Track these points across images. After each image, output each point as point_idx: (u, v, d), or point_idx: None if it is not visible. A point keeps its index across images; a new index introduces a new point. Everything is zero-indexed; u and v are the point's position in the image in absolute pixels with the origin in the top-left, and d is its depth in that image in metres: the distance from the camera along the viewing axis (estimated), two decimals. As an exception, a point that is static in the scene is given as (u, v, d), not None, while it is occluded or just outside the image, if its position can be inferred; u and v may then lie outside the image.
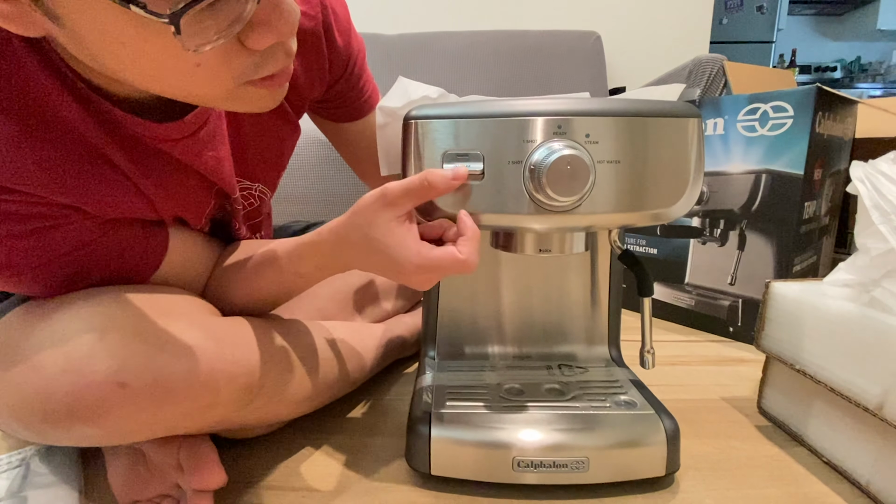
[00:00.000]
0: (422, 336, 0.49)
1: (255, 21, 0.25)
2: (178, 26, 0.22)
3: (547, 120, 0.32)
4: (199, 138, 0.36)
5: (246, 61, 0.27)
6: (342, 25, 0.46)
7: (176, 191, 0.37)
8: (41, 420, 0.27)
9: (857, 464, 0.37)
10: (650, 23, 1.69)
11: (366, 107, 0.53)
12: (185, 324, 0.32)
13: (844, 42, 3.55)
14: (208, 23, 0.23)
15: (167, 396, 0.29)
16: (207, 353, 0.31)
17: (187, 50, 0.23)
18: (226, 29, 0.24)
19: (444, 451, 0.36)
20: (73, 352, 0.27)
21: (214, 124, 0.38)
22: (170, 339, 0.30)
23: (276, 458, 0.41)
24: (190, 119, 0.35)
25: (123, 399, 0.28)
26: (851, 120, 0.74)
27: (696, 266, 0.72)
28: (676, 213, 0.35)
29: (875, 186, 0.36)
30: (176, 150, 0.35)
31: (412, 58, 1.52)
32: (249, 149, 0.43)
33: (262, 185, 0.47)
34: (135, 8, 0.21)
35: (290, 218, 0.73)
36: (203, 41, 0.23)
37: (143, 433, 0.30)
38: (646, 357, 0.39)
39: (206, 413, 0.32)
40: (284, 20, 0.26)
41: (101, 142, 0.31)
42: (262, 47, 0.26)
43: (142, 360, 0.28)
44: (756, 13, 2.97)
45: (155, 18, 0.21)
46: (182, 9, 0.21)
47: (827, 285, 0.42)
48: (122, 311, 0.30)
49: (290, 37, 0.27)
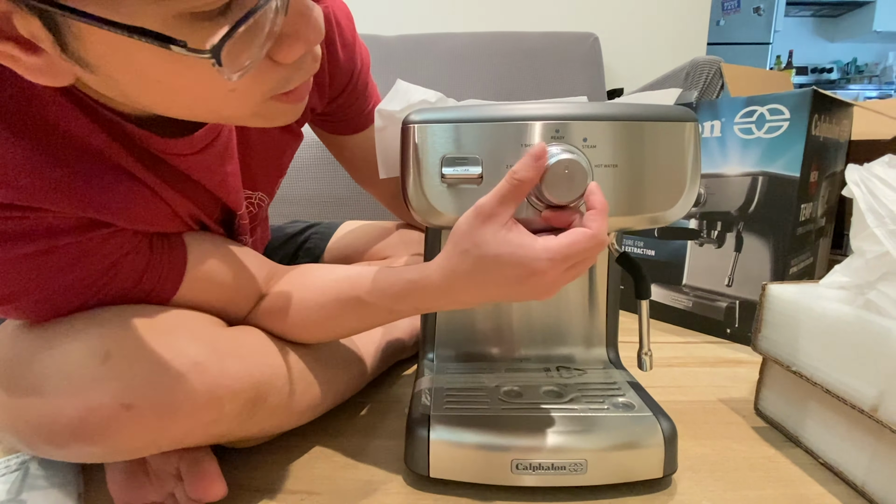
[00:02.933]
0: (420, 339, 0.49)
1: (283, 34, 0.24)
2: (219, 59, 0.21)
3: (545, 124, 0.32)
4: (209, 154, 0.36)
5: (277, 76, 0.26)
6: (346, 40, 0.45)
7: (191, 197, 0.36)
8: (45, 442, 0.27)
9: (853, 465, 0.38)
10: (647, 24, 1.69)
11: (368, 119, 0.52)
12: (188, 339, 0.32)
13: (841, 43, 3.58)
14: (245, 47, 0.22)
15: (172, 415, 0.29)
16: (211, 369, 0.31)
17: (228, 80, 0.23)
18: (260, 49, 0.23)
19: (442, 453, 0.36)
20: (77, 376, 0.27)
21: (226, 139, 0.37)
22: (173, 357, 0.30)
23: (274, 462, 0.41)
24: (200, 135, 0.34)
25: (128, 420, 0.28)
26: (847, 122, 0.74)
27: (693, 268, 0.73)
28: (673, 217, 0.35)
29: (870, 190, 0.36)
30: (184, 164, 0.34)
31: (411, 59, 1.52)
32: (254, 159, 0.43)
33: (262, 192, 0.47)
34: (176, 49, 0.21)
35: (288, 219, 0.74)
36: (240, 67, 0.23)
37: (147, 450, 0.31)
38: (644, 359, 0.39)
39: (210, 428, 0.32)
40: (312, 27, 0.25)
41: (116, 154, 0.30)
42: (293, 59, 0.26)
43: (146, 381, 0.28)
44: (753, 14, 2.98)
45: (198, 56, 0.21)
46: (221, 41, 0.21)
47: (823, 287, 0.42)
48: (125, 331, 0.30)
49: (318, 42, 0.26)
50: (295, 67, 0.27)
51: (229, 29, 0.21)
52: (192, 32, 0.21)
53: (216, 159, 0.36)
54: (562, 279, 0.31)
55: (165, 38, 0.20)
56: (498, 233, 0.30)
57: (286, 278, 0.42)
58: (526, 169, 0.30)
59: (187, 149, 0.34)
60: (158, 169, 0.33)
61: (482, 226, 0.30)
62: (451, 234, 0.32)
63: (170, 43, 0.20)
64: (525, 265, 0.30)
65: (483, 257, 0.30)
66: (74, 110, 0.28)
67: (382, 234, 0.63)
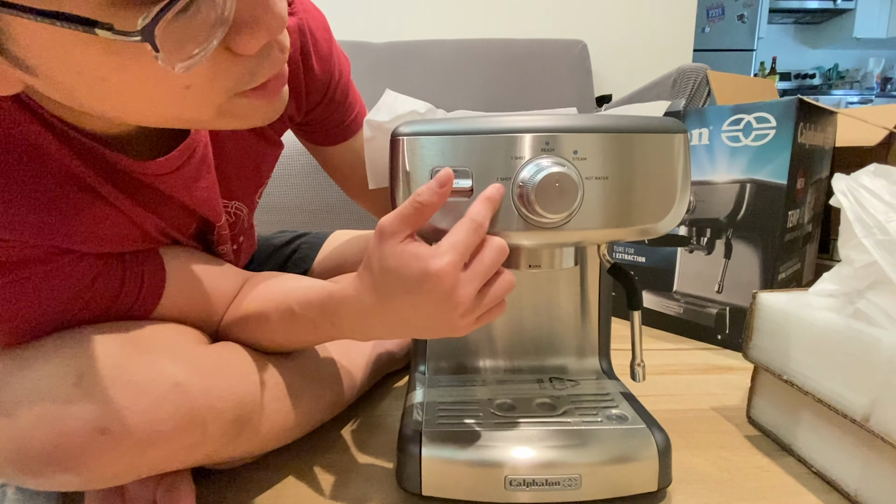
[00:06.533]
0: (412, 351, 0.49)
1: (240, 22, 0.22)
2: (153, 43, 0.19)
3: (535, 136, 0.32)
4: (186, 171, 0.35)
5: (239, 70, 0.24)
6: (322, 52, 0.44)
7: (163, 216, 0.35)
8: (18, 470, 0.26)
9: (845, 474, 0.38)
10: (635, 31, 1.71)
11: (352, 128, 0.51)
12: (168, 359, 0.30)
13: (822, 50, 3.65)
14: (190, 34, 0.21)
15: (151, 439, 0.28)
16: (193, 390, 0.30)
17: (171, 69, 0.21)
18: (207, 37, 0.21)
19: (435, 470, 0.36)
20: (50, 399, 0.26)
21: (202, 153, 0.36)
22: (153, 377, 0.29)
23: (262, 480, 0.40)
24: (175, 155, 0.33)
25: (105, 445, 0.26)
26: (831, 129, 0.75)
27: (683, 274, 0.73)
28: (664, 229, 0.35)
29: (858, 200, 0.36)
30: (160, 183, 0.33)
31: (400, 66, 1.52)
32: (229, 167, 0.42)
33: (238, 202, 0.45)
34: (101, 32, 0.19)
35: (277, 227, 0.73)
36: (186, 56, 0.21)
37: (126, 477, 0.29)
38: (636, 370, 0.39)
39: (193, 451, 0.31)
40: (273, 14, 0.23)
41: (85, 175, 0.29)
42: (254, 50, 0.24)
43: (123, 404, 0.27)
44: (737, 22, 3.04)
45: (126, 39, 0.19)
46: (153, 20, 0.19)
47: (812, 296, 0.42)
48: (102, 352, 0.29)
49: (281, 31, 0.24)
50: (259, 60, 0.25)
51: (160, 8, 0.19)
52: (125, 16, 0.19)
53: (193, 174, 0.35)
54: (466, 287, 0.30)
55: (89, 22, 0.19)
56: (395, 247, 0.30)
57: (246, 286, 0.41)
58: (430, 194, 0.30)
59: (162, 169, 0.33)
60: (129, 188, 0.32)
61: (382, 243, 0.31)
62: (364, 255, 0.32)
63: (94, 27, 0.19)
64: (418, 270, 0.29)
65: (382, 270, 0.31)
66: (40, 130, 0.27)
67: None
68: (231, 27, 0.22)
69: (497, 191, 0.32)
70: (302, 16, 0.42)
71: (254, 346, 0.39)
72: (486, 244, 0.31)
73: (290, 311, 0.36)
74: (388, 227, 0.31)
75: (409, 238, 0.31)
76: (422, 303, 0.30)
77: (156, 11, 0.19)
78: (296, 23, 0.41)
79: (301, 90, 0.44)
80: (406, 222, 0.31)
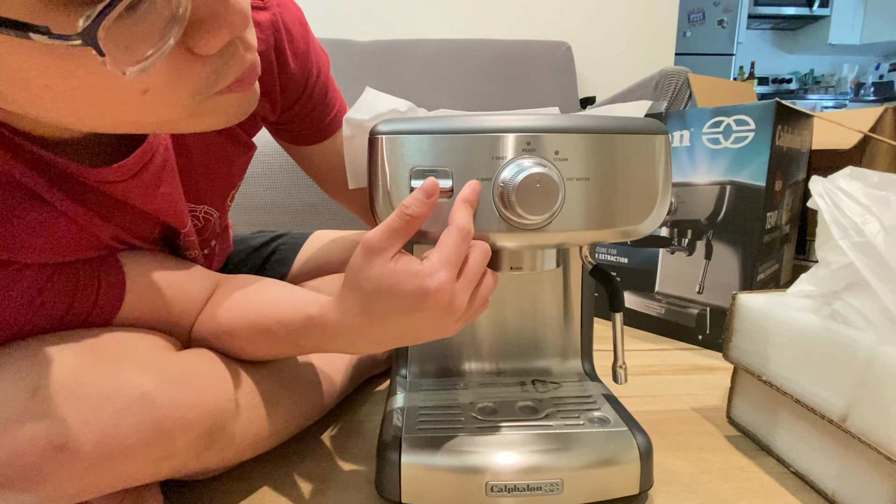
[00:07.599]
0: (393, 354, 0.48)
1: (198, 19, 0.21)
2: (96, 46, 0.18)
3: (517, 136, 0.32)
4: (144, 177, 0.33)
5: (202, 72, 0.23)
6: (298, 48, 0.42)
7: (121, 223, 0.34)
8: None
9: (823, 474, 0.38)
10: (618, 34, 1.73)
11: (331, 127, 0.49)
12: (134, 368, 0.29)
13: (799, 55, 3.75)
14: (140, 35, 0.19)
15: (114, 454, 0.26)
16: (160, 401, 0.28)
17: (121, 73, 0.19)
18: (161, 37, 0.19)
19: (415, 478, 0.35)
20: (1, 416, 0.24)
21: (162, 158, 0.34)
22: (116, 388, 0.27)
23: (236, 491, 0.39)
24: (131, 161, 0.31)
25: (63, 463, 0.25)
26: (808, 133, 0.77)
27: (665, 275, 0.73)
28: (646, 230, 0.34)
29: (834, 202, 0.37)
30: (114, 191, 0.31)
31: (384, 65, 1.51)
32: (196, 170, 0.40)
33: (208, 206, 0.43)
34: (36, 36, 0.17)
35: (255, 227, 0.71)
36: (139, 59, 0.19)
37: (88, 494, 0.27)
38: (618, 372, 0.39)
39: (160, 465, 0.29)
40: (233, 9, 0.21)
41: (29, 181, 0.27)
42: (215, 49, 0.22)
43: (81, 418, 0.25)
44: (717, 27, 3.10)
45: (65, 43, 0.17)
46: (95, 21, 0.17)
47: (791, 297, 0.42)
48: (60, 361, 0.27)
49: (244, 28, 0.23)
50: (223, 59, 0.23)
51: (102, 7, 0.17)
52: (64, 18, 0.17)
53: (152, 181, 0.33)
54: (461, 297, 0.30)
55: (21, 25, 0.17)
56: (386, 265, 0.29)
57: (219, 291, 0.39)
58: (418, 205, 0.29)
59: (117, 176, 0.31)
60: (80, 195, 0.30)
61: (371, 261, 0.29)
62: (346, 272, 0.30)
63: (28, 30, 0.17)
64: (416, 289, 0.28)
65: (374, 292, 0.29)
66: None
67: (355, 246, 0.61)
68: (189, 25, 0.20)
69: (473, 190, 0.31)
70: (276, 10, 0.40)
71: (228, 355, 0.37)
72: (473, 250, 0.31)
73: (269, 331, 0.34)
74: (376, 242, 0.29)
75: (400, 254, 0.30)
76: (420, 318, 0.29)
77: (98, 11, 0.17)
78: (269, 18, 0.40)
79: (275, 89, 0.42)
80: (395, 236, 0.29)
